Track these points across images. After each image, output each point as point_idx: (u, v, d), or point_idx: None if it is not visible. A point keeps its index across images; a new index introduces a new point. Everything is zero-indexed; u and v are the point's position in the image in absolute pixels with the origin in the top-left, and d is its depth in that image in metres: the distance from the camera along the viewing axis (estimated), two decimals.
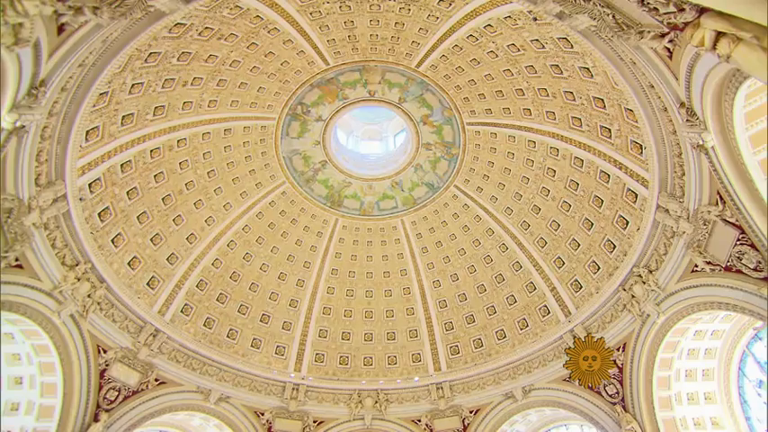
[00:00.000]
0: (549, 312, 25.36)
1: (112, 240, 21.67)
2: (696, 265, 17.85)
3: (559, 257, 25.14)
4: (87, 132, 18.89)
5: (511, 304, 27.38)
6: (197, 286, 25.60)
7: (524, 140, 25.24)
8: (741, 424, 19.32)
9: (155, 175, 23.27)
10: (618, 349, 21.51)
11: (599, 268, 23.04)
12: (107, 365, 20.66)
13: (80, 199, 19.61)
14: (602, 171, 21.82)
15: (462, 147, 27.92)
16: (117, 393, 20.61)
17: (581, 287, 23.97)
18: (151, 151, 22.64)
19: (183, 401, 23.04)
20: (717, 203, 16.22)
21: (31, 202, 16.96)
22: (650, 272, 19.99)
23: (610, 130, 20.49)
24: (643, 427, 19.51)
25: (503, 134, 26.01)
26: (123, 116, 20.32)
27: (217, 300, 26.44)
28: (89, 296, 20.05)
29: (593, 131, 21.47)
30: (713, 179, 15.86)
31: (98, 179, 20.49)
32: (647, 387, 19.90)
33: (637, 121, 18.28)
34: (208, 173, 25.68)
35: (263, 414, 25.66)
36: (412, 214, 30.33)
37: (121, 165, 21.46)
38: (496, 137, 26.45)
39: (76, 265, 19.58)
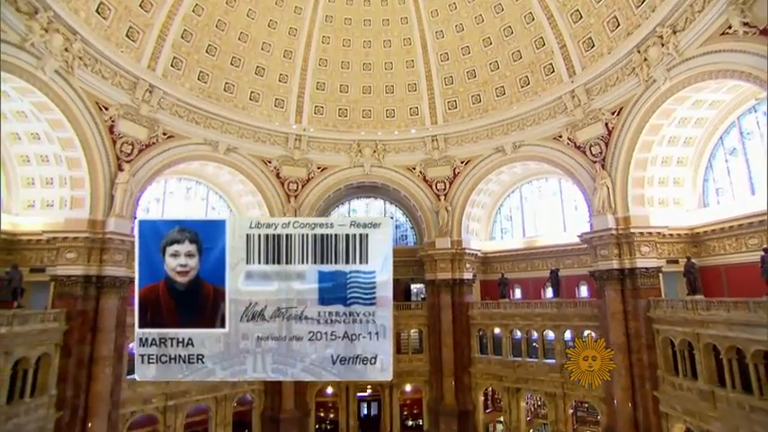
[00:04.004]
0: (553, 71, 24.39)
1: None
2: (729, 27, 16.20)
3: (578, 10, 22.37)
4: None
5: (516, 60, 26.03)
6: (182, 37, 23.72)
7: None
8: (698, 184, 21.47)
9: None
10: (613, 113, 21.79)
11: (618, 25, 20.88)
12: (113, 122, 21.32)
13: None
14: None
15: None
16: (131, 147, 22.00)
17: (593, 46, 22.30)
18: None
19: (194, 153, 24.86)
20: None
21: None
22: (674, 32, 18.28)
23: None
24: (614, 182, 21.66)
25: None
26: None
27: (206, 52, 24.96)
28: (66, 50, 18.85)
29: None
30: None
31: None
32: (629, 149, 21.08)
33: None
34: None
35: (270, 162, 28.08)
36: None
37: None
38: None
39: (36, 12, 17.50)
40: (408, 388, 28.01)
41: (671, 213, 21.47)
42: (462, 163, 28.90)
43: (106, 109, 21.02)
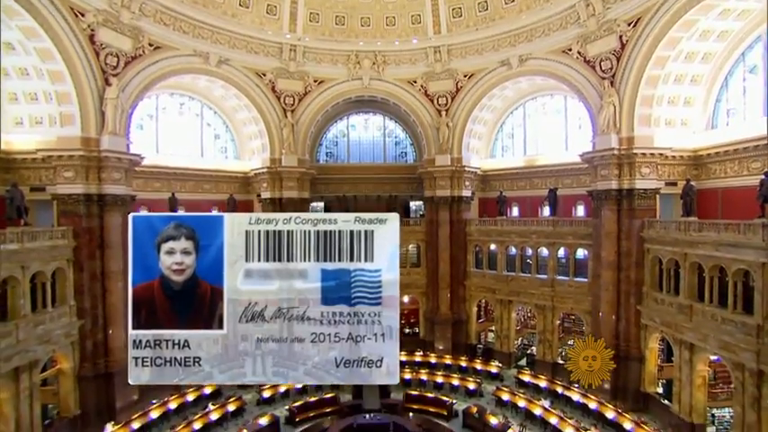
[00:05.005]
0: None
1: None
2: None
3: None
4: None
5: None
6: None
7: None
8: (709, 104, 20.66)
9: None
10: (629, 24, 20.34)
11: None
12: (93, 30, 19.84)
13: None
14: None
15: None
16: (116, 59, 20.75)
17: None
18: None
19: (184, 65, 23.54)
20: None
21: None
22: None
23: None
24: (622, 101, 20.90)
25: None
26: None
27: None
28: None
29: None
30: None
31: None
32: (641, 65, 20.03)
33: None
34: None
35: (264, 75, 26.77)
36: None
37: None
38: None
39: None
40: (406, 299, 29.60)
41: (676, 134, 21.03)
42: (465, 77, 27.64)
43: (83, 15, 19.44)
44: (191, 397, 21.18)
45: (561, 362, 24.78)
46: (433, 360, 26.19)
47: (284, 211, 28.46)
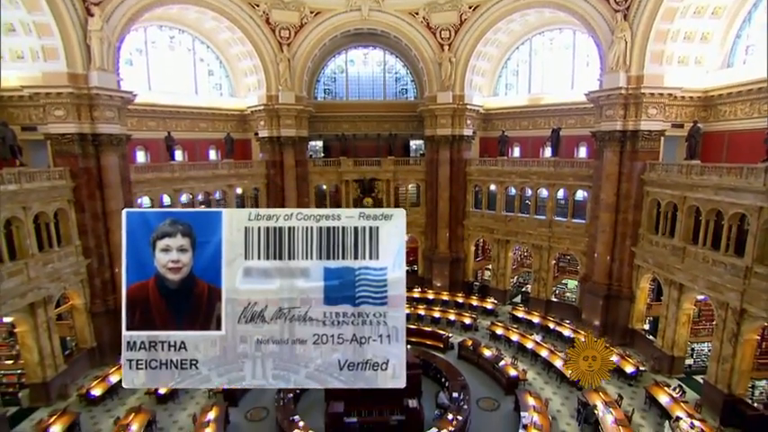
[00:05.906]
0: None
1: None
2: None
3: None
4: None
5: None
6: None
7: None
8: (728, 41, 19.57)
9: None
10: None
11: None
12: None
13: None
14: None
15: None
16: None
17: None
18: None
19: None
20: None
21: None
22: None
23: None
24: (634, 36, 19.89)
25: None
26: None
27: None
28: None
29: None
30: None
31: None
32: None
33: None
34: None
35: (257, 5, 25.18)
36: None
37: None
38: None
39: None
40: (405, 237, 30.02)
41: (689, 73, 20.21)
42: (470, 8, 26.07)
43: None
44: None
45: (555, 299, 25.75)
46: (430, 296, 27.14)
47: (282, 149, 28.30)
